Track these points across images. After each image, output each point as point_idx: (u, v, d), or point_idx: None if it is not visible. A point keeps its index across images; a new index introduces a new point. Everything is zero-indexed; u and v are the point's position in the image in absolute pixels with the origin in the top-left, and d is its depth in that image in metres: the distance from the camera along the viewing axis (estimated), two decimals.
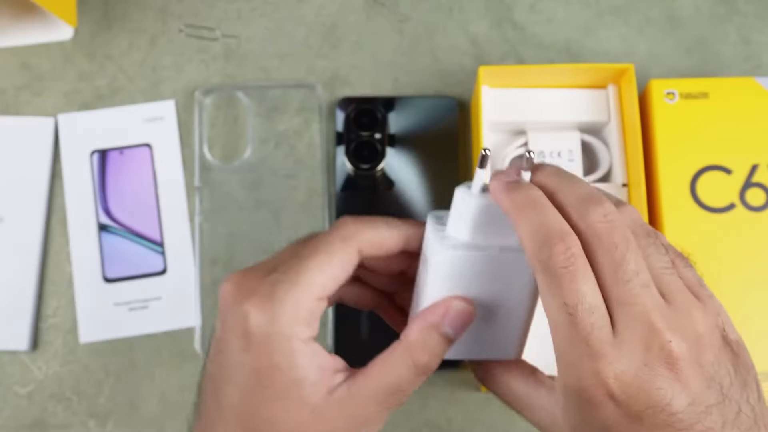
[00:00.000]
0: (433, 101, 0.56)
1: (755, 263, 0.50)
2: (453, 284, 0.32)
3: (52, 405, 0.52)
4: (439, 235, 0.32)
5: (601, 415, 0.27)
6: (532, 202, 0.29)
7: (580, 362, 0.27)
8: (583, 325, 0.27)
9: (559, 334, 0.28)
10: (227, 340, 0.32)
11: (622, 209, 0.30)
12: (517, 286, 0.32)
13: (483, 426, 0.51)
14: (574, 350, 0.27)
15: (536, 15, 0.59)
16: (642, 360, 0.27)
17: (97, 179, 0.55)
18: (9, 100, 0.57)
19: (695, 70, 0.57)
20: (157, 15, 0.59)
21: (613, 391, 0.27)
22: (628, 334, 0.27)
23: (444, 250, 0.31)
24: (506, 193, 0.30)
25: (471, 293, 0.32)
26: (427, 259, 0.32)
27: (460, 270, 0.32)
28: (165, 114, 0.56)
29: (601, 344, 0.27)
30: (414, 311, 0.35)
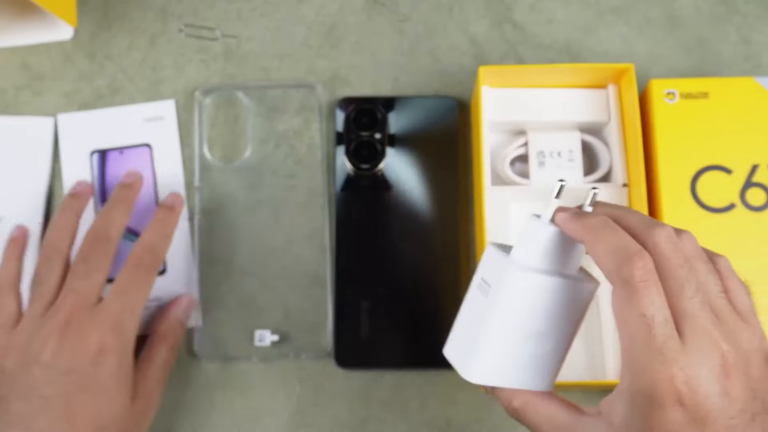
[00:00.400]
0: (433, 101, 0.56)
1: (755, 263, 0.50)
2: (518, 309, 0.34)
3: None
4: (508, 260, 0.34)
5: (669, 418, 0.30)
6: (607, 225, 0.33)
7: (653, 367, 0.30)
8: (658, 335, 0.30)
9: (635, 342, 0.31)
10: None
11: (682, 235, 0.33)
12: (570, 315, 0.35)
13: (483, 426, 0.51)
14: (649, 357, 0.30)
15: (536, 15, 0.59)
16: (707, 366, 0.30)
17: (96, 179, 0.55)
18: (9, 100, 0.57)
19: (695, 70, 0.57)
20: (157, 15, 0.59)
21: (683, 395, 0.30)
22: (695, 343, 0.31)
23: (518, 271, 0.34)
24: (579, 220, 0.34)
25: (531, 320, 0.34)
26: (492, 284, 0.34)
27: (524, 294, 0.34)
28: (165, 114, 0.56)
29: (673, 352, 0.30)
30: (461, 334, 0.36)
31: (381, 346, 0.52)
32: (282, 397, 0.52)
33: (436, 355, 0.47)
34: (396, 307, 0.52)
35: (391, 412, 0.52)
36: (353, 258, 0.53)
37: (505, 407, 0.37)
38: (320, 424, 0.51)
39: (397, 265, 0.53)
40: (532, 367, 0.36)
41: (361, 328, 0.52)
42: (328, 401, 0.52)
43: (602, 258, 0.32)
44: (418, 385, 0.52)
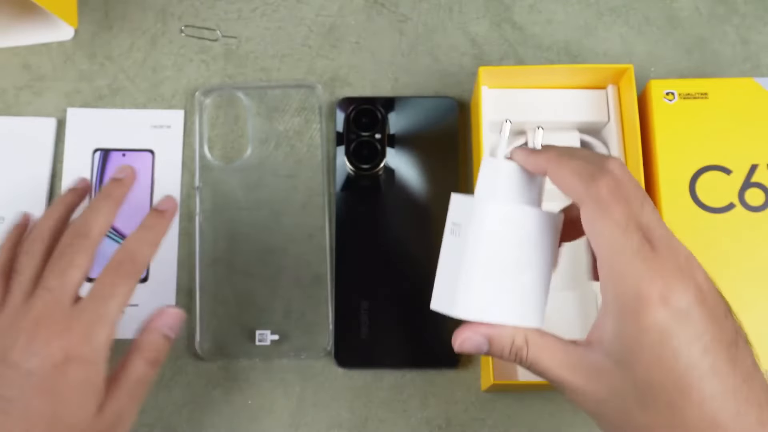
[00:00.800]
0: (433, 101, 0.56)
1: (755, 263, 0.50)
2: (491, 239, 0.35)
3: None
4: (474, 198, 0.37)
5: (657, 317, 0.32)
6: (566, 153, 0.36)
7: (635, 269, 0.32)
8: (635, 239, 0.33)
9: (614, 249, 0.33)
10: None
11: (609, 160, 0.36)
12: (542, 245, 0.36)
13: (483, 426, 0.51)
14: (629, 260, 0.32)
15: (536, 15, 0.59)
16: (677, 268, 0.33)
17: (96, 177, 0.55)
18: (10, 100, 0.57)
19: (694, 70, 0.57)
20: (157, 15, 0.59)
21: (664, 294, 0.32)
22: (662, 249, 0.33)
23: (485, 203, 0.35)
24: (538, 153, 0.36)
25: (506, 250, 0.36)
26: (463, 223, 0.36)
27: (494, 223, 0.35)
28: (173, 123, 0.56)
29: (649, 255, 0.33)
30: (443, 282, 0.37)
31: (381, 346, 0.52)
32: (282, 396, 0.52)
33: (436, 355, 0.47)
34: (396, 307, 0.52)
35: (391, 411, 0.52)
36: (353, 258, 0.53)
37: (506, 350, 0.37)
38: (320, 424, 0.51)
39: (397, 264, 0.53)
40: (517, 301, 0.36)
41: (361, 328, 0.52)
42: (328, 401, 0.52)
43: (568, 181, 0.35)
44: (418, 385, 0.52)
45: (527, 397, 0.52)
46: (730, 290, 0.49)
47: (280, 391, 0.52)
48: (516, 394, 0.52)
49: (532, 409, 0.52)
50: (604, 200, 0.33)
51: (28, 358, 0.40)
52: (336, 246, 0.54)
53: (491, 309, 0.36)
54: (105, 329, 0.42)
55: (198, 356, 0.52)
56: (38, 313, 0.41)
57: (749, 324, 0.48)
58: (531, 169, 0.37)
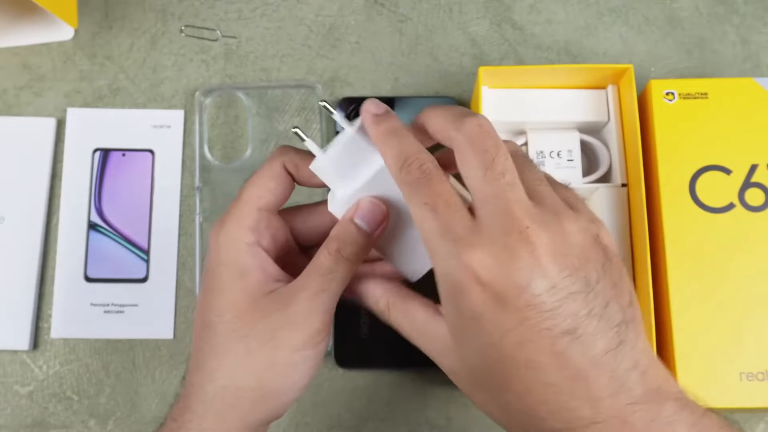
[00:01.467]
0: (433, 101, 0.56)
1: (755, 263, 0.50)
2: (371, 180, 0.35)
3: (53, 405, 0.52)
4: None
5: (472, 301, 0.29)
6: (393, 133, 0.33)
7: (447, 251, 0.30)
8: (444, 217, 0.30)
9: (425, 231, 0.31)
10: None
11: (506, 142, 0.33)
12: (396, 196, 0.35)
13: (483, 426, 0.51)
14: (441, 242, 0.30)
15: (536, 15, 0.59)
16: (502, 243, 0.29)
17: (95, 177, 0.55)
18: (10, 101, 0.57)
19: (694, 70, 0.57)
20: (157, 15, 0.59)
21: (478, 274, 0.29)
22: (487, 222, 0.30)
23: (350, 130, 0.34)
24: (375, 126, 0.34)
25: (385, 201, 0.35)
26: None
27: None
28: (173, 123, 0.57)
29: (463, 230, 0.30)
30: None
31: (381, 346, 0.52)
32: None
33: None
34: None
35: (391, 412, 0.52)
36: None
37: (373, 309, 0.37)
38: (320, 424, 0.51)
39: None
40: (400, 251, 0.36)
41: (361, 328, 0.52)
42: (328, 401, 0.52)
43: (389, 165, 0.33)
44: (418, 385, 0.52)
45: None
46: (730, 290, 0.50)
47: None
48: None
49: None
50: (412, 184, 0.32)
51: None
52: None
53: (382, 248, 0.37)
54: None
55: None
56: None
57: (749, 323, 0.49)
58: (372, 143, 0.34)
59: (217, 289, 0.36)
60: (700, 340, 0.47)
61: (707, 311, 0.49)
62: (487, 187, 0.30)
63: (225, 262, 0.36)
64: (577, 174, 0.52)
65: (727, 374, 0.47)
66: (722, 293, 0.49)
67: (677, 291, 0.48)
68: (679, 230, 0.50)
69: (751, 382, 0.47)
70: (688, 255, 0.50)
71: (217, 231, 0.36)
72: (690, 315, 0.48)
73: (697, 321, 0.48)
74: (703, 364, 0.47)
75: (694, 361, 0.47)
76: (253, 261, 0.36)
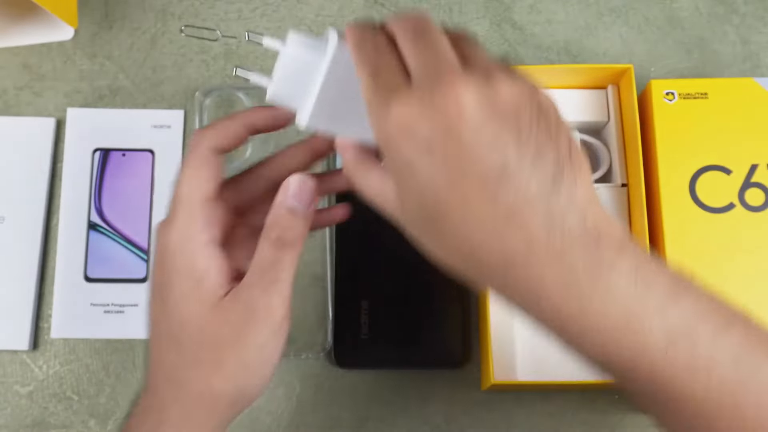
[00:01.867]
0: None
1: (755, 263, 0.50)
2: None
3: (53, 405, 0.52)
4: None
5: (402, 151, 0.30)
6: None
7: (378, 107, 0.31)
8: (383, 78, 0.31)
9: (364, 91, 0.32)
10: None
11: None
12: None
13: (483, 426, 0.51)
14: (375, 98, 0.31)
15: (535, 15, 0.59)
16: (429, 98, 0.30)
17: (95, 177, 0.55)
18: (10, 100, 0.57)
19: (694, 70, 0.57)
20: (157, 15, 0.59)
21: (406, 124, 0.30)
22: (417, 82, 0.31)
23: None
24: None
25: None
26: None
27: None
28: (173, 123, 0.57)
29: (396, 88, 0.31)
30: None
31: (381, 346, 0.52)
32: (282, 396, 0.52)
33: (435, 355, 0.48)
34: (396, 307, 0.52)
35: (391, 412, 0.52)
36: (353, 258, 0.53)
37: (345, 174, 0.37)
38: (320, 424, 0.51)
39: (397, 265, 0.53)
40: (354, 125, 0.36)
41: (361, 328, 0.52)
42: (328, 401, 0.52)
43: (350, 47, 0.34)
44: (418, 385, 0.52)
45: (527, 397, 0.52)
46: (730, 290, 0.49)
47: (280, 391, 0.52)
48: (516, 394, 0.52)
49: (532, 409, 0.52)
50: (351, 51, 0.33)
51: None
52: (336, 246, 0.54)
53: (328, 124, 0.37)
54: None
55: None
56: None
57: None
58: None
59: (173, 299, 0.36)
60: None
61: None
62: (420, 55, 0.31)
63: (179, 269, 0.35)
64: None
65: None
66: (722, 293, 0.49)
67: None
68: (679, 230, 0.50)
69: None
70: (688, 255, 0.50)
71: (166, 234, 0.36)
72: None
73: None
74: None
75: None
76: (209, 263, 0.35)
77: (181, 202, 0.36)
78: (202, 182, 0.36)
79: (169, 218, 0.36)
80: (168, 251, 0.36)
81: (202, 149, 0.37)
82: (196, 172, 0.36)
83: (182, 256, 0.35)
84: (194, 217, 0.36)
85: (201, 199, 0.36)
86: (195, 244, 0.35)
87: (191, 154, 0.37)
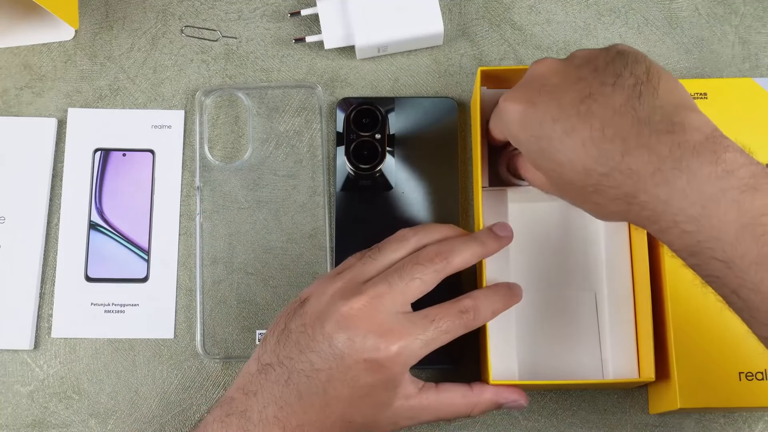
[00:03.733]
0: (433, 101, 0.56)
1: None
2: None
3: (54, 404, 0.52)
4: None
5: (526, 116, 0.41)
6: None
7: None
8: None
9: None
10: (346, 353, 0.41)
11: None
12: None
13: (483, 426, 0.52)
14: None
15: (535, 15, 0.59)
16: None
17: (96, 177, 0.56)
18: (10, 101, 0.57)
19: (694, 70, 0.57)
20: (158, 16, 0.59)
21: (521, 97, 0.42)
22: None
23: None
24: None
25: None
26: None
27: None
28: (173, 123, 0.57)
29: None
30: None
31: None
32: None
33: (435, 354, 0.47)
34: None
35: None
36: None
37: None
38: None
39: None
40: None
41: None
42: None
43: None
44: None
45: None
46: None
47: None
48: None
49: (532, 409, 0.52)
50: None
51: (341, 339, 0.41)
52: (336, 246, 0.54)
53: None
54: (415, 351, 0.43)
55: (198, 356, 0.53)
56: (368, 302, 0.42)
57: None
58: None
59: (371, 403, 0.43)
60: (699, 340, 0.47)
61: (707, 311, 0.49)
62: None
63: (387, 386, 0.43)
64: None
65: (726, 374, 0.47)
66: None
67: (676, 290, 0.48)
68: None
69: (750, 382, 0.47)
70: None
71: (390, 359, 0.42)
72: (689, 314, 0.48)
73: (697, 320, 0.48)
74: (703, 364, 0.47)
75: (694, 361, 0.47)
76: (406, 388, 0.44)
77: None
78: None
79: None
80: (383, 370, 0.43)
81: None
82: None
83: (393, 380, 0.43)
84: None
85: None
86: (405, 376, 0.45)
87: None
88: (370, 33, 0.55)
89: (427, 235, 0.46)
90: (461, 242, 0.45)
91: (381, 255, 0.45)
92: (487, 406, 0.45)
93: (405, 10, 0.55)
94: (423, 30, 0.56)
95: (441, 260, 0.44)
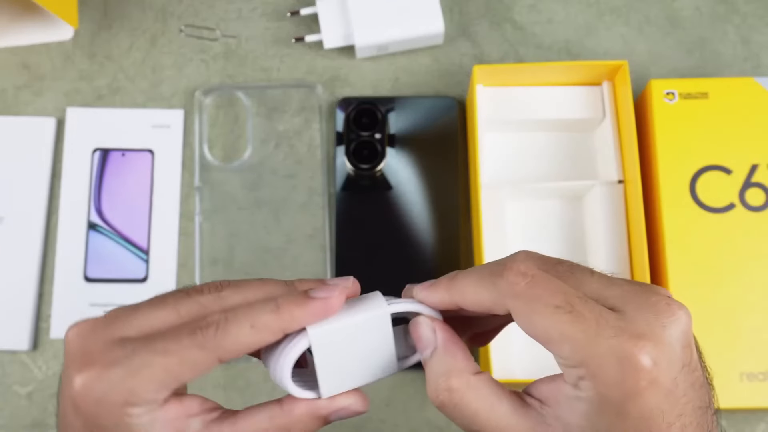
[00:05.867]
0: (433, 101, 0.56)
1: (755, 263, 0.50)
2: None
3: (52, 405, 0.52)
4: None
5: (644, 400, 0.26)
6: (454, 276, 0.32)
7: (605, 350, 0.26)
8: (589, 310, 0.27)
9: (567, 336, 0.27)
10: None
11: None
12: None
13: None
14: (588, 339, 0.26)
15: (536, 15, 0.59)
16: (654, 325, 0.27)
17: (95, 177, 0.55)
18: (9, 100, 0.57)
19: (695, 70, 0.57)
20: (157, 15, 0.59)
21: (649, 369, 0.26)
22: (629, 311, 0.27)
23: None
24: (434, 286, 0.33)
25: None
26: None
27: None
28: (172, 122, 0.57)
29: (613, 322, 0.26)
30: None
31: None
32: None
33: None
34: None
35: (391, 412, 0.52)
36: (353, 258, 0.53)
37: (436, 391, 0.32)
38: None
39: (397, 264, 0.53)
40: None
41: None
42: None
43: (482, 296, 0.30)
44: (418, 385, 0.52)
45: None
46: (730, 290, 0.49)
47: (280, 391, 0.52)
48: None
49: None
50: (524, 292, 0.28)
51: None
52: (336, 246, 0.54)
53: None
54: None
55: None
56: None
57: (748, 324, 0.49)
58: (432, 304, 0.33)
59: None
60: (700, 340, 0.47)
61: (707, 311, 0.49)
62: (591, 287, 0.28)
63: None
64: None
65: (727, 374, 0.47)
66: (722, 293, 0.49)
67: (677, 291, 0.48)
68: (679, 230, 0.50)
69: (751, 382, 0.47)
70: (688, 255, 0.49)
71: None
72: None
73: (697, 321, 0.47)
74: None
75: None
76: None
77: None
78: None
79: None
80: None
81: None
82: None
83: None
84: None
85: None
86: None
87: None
88: (370, 32, 0.55)
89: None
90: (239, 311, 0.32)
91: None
92: (306, 425, 0.33)
93: (405, 9, 0.55)
94: (423, 29, 0.56)
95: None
